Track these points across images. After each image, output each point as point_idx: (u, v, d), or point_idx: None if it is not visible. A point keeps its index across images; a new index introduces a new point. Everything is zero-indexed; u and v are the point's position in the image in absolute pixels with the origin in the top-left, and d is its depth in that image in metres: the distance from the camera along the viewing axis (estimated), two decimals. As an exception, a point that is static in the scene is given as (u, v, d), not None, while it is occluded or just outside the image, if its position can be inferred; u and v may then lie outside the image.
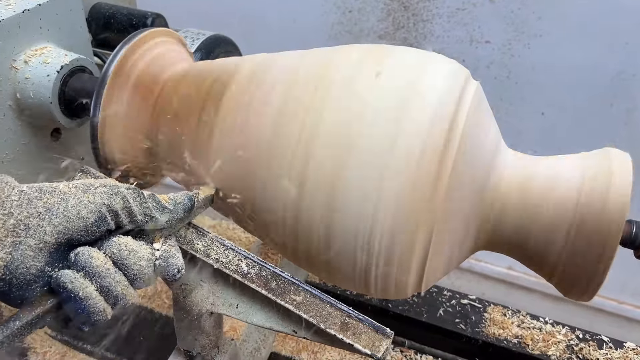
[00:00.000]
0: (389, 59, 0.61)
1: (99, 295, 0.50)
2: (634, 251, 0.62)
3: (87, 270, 0.50)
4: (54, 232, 0.50)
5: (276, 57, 0.66)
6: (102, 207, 0.52)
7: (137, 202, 0.54)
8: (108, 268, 0.51)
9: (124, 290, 0.51)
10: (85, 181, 0.54)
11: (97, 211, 0.52)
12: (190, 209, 0.59)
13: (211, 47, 0.88)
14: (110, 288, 0.50)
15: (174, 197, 0.58)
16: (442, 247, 0.60)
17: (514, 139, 1.51)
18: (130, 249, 0.52)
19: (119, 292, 0.51)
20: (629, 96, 1.35)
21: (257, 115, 0.60)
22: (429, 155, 0.55)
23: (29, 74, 0.71)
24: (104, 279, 0.50)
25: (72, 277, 0.49)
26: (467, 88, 0.60)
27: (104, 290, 0.50)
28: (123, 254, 0.52)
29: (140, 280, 0.53)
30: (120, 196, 0.53)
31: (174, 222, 0.57)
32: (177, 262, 0.56)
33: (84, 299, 0.49)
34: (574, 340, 0.95)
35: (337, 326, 0.56)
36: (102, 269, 0.50)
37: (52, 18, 0.74)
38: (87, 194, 0.52)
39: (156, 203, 0.56)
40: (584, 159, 0.62)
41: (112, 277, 0.51)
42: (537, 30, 1.35)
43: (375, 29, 1.47)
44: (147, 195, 0.55)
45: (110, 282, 0.50)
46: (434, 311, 0.99)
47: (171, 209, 0.57)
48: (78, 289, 0.49)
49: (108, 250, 0.52)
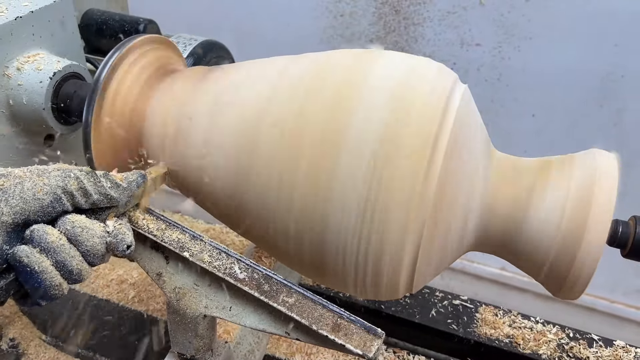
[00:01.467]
0: (377, 64, 0.61)
1: (54, 269, 0.53)
2: (621, 250, 0.63)
3: (43, 246, 0.52)
4: (11, 212, 0.52)
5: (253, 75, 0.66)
6: (57, 189, 0.54)
7: (91, 182, 0.56)
8: (63, 244, 0.53)
9: (78, 265, 0.54)
10: (39, 166, 0.56)
11: (53, 193, 0.54)
12: (141, 185, 0.61)
13: (203, 52, 0.88)
14: (65, 263, 0.53)
15: (127, 175, 0.60)
16: (432, 248, 0.60)
17: (505, 140, 1.52)
18: (83, 226, 0.54)
19: (73, 267, 0.54)
20: (618, 97, 1.37)
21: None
22: (417, 157, 0.56)
23: (21, 81, 0.71)
24: (58, 254, 0.53)
25: (27, 252, 0.52)
26: (454, 90, 0.61)
27: (59, 265, 0.53)
28: (76, 230, 0.54)
29: (93, 256, 0.55)
30: (74, 177, 0.55)
31: (128, 198, 0.59)
32: (127, 238, 0.58)
33: (39, 272, 0.52)
34: (565, 339, 0.96)
35: (329, 327, 0.56)
36: (57, 244, 0.53)
37: (45, 25, 0.75)
38: (41, 177, 0.54)
39: (110, 181, 0.58)
40: (571, 160, 0.63)
41: (67, 252, 0.53)
42: (527, 33, 1.36)
43: (367, 33, 1.48)
44: (100, 175, 0.57)
45: (65, 257, 0.53)
46: (426, 312, 1.00)
47: (125, 186, 0.59)
48: (34, 263, 0.52)
49: (62, 227, 0.54)
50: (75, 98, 0.72)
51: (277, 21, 1.53)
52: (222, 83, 0.67)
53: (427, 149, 0.56)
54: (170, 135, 0.67)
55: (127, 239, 0.58)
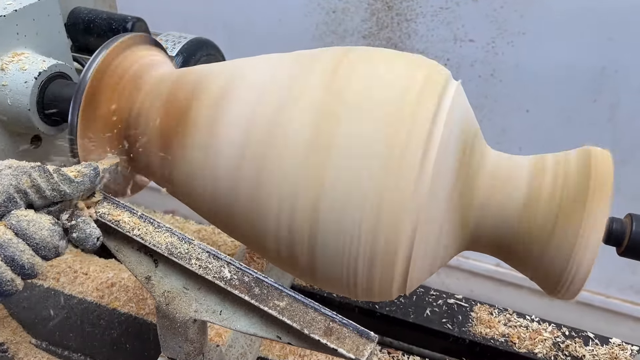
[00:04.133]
0: (368, 61, 0.60)
1: (4, 265, 0.52)
2: (616, 248, 0.63)
3: None
4: None
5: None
6: (9, 187, 0.54)
7: (43, 178, 0.56)
8: (10, 238, 0.53)
9: (29, 259, 0.54)
10: None
11: (5, 192, 0.53)
12: (94, 178, 0.60)
13: (193, 50, 0.87)
14: (15, 257, 0.53)
15: (80, 170, 0.60)
16: (425, 249, 0.60)
17: (499, 136, 1.52)
18: (29, 219, 0.54)
19: (24, 261, 0.53)
20: (612, 92, 1.37)
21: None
22: (409, 156, 0.55)
23: (6, 81, 0.70)
24: (6, 249, 0.52)
25: None
26: (447, 88, 0.60)
27: (9, 260, 0.53)
28: (22, 224, 0.54)
29: (44, 249, 0.55)
30: (27, 175, 0.55)
31: (81, 192, 0.59)
32: (95, 231, 0.58)
33: None
34: (560, 338, 0.95)
35: (321, 331, 0.55)
36: (3, 240, 0.52)
37: (29, 23, 0.73)
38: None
39: (62, 176, 0.57)
40: (565, 158, 0.62)
41: (15, 247, 0.53)
42: (520, 28, 1.35)
43: (360, 29, 1.47)
44: (52, 171, 0.57)
45: (13, 252, 0.53)
46: (420, 311, 0.99)
47: (78, 181, 0.58)
48: None
49: (7, 222, 0.54)
50: (61, 98, 0.71)
51: (268, 18, 1.51)
52: (213, 83, 0.65)
53: (419, 148, 0.55)
54: (158, 134, 0.65)
55: (95, 232, 0.58)
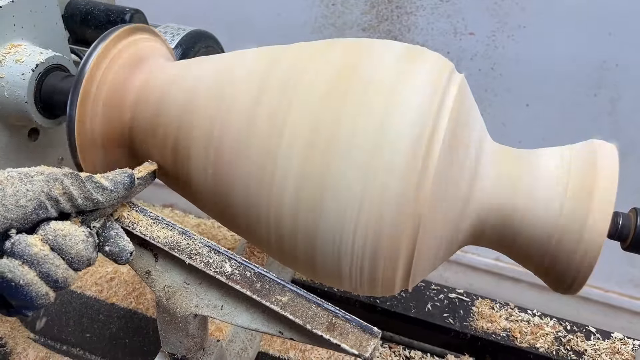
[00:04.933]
0: (371, 53, 0.60)
1: (40, 280, 0.51)
2: (621, 243, 0.62)
3: (26, 258, 0.50)
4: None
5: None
6: (40, 195, 0.52)
7: (75, 186, 0.54)
8: (46, 254, 0.51)
9: (64, 273, 0.52)
10: (21, 170, 0.54)
11: (36, 199, 0.52)
12: (130, 186, 0.58)
13: (192, 42, 0.86)
14: (50, 273, 0.51)
15: (113, 177, 0.58)
16: (428, 244, 0.59)
17: (499, 130, 1.51)
18: (66, 234, 0.52)
19: (59, 276, 0.52)
20: (612, 86, 1.36)
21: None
22: (413, 150, 0.54)
23: (3, 73, 0.69)
24: (43, 265, 0.51)
25: (10, 267, 0.49)
26: (451, 81, 0.59)
27: (44, 276, 0.51)
28: (59, 240, 0.52)
29: (78, 262, 0.53)
30: (59, 182, 0.53)
31: (115, 201, 0.57)
32: (128, 246, 0.57)
33: (24, 286, 0.50)
34: (562, 332, 0.95)
35: (324, 326, 0.55)
36: (41, 256, 0.51)
37: (26, 15, 0.72)
38: (24, 182, 0.52)
39: (95, 184, 0.55)
40: (569, 152, 0.62)
41: (52, 263, 0.51)
42: (521, 22, 1.34)
43: (359, 22, 1.46)
44: (84, 178, 0.55)
45: (49, 268, 0.51)
46: (422, 306, 0.99)
47: (111, 189, 0.56)
48: (19, 277, 0.49)
49: (44, 236, 0.52)
50: (59, 91, 0.70)
51: (267, 10, 1.50)
52: (213, 73, 0.64)
53: (423, 142, 0.55)
54: (156, 126, 0.64)
55: (128, 247, 0.57)
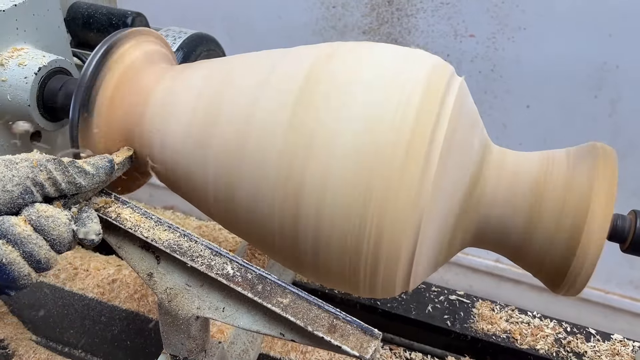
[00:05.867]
0: (370, 57, 0.60)
1: (22, 260, 0.52)
2: (620, 245, 0.62)
3: (9, 238, 0.52)
4: None
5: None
6: (26, 180, 0.54)
7: (59, 171, 0.56)
8: (29, 234, 0.53)
9: (46, 254, 0.54)
10: (5, 157, 0.56)
11: (22, 184, 0.54)
12: (110, 170, 0.61)
13: (193, 46, 0.87)
14: (33, 253, 0.53)
15: (95, 162, 0.60)
16: (429, 246, 0.59)
17: (499, 132, 1.52)
18: (49, 215, 0.54)
19: (41, 257, 0.53)
20: (612, 87, 1.36)
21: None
22: (414, 153, 0.55)
23: (5, 77, 0.69)
24: (26, 245, 0.52)
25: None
26: (450, 85, 0.59)
27: (27, 255, 0.53)
28: (42, 220, 0.54)
29: (60, 244, 0.55)
30: (43, 167, 0.55)
31: (96, 185, 0.59)
32: (96, 226, 0.58)
33: (7, 264, 0.52)
34: (562, 334, 0.95)
35: (325, 328, 0.55)
36: (24, 235, 0.52)
37: (29, 18, 0.73)
38: (10, 168, 0.54)
39: (78, 169, 0.58)
40: (569, 155, 0.62)
41: (35, 243, 0.53)
42: (521, 23, 1.35)
43: (360, 24, 1.46)
44: (67, 163, 0.57)
45: (32, 248, 0.53)
46: (422, 308, 0.99)
47: (93, 173, 0.59)
48: (1, 256, 0.51)
49: (28, 217, 0.54)
50: (62, 94, 0.71)
51: (268, 13, 1.51)
52: (216, 78, 0.65)
53: (424, 145, 0.55)
54: (162, 131, 0.65)
55: (95, 227, 0.58)
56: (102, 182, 0.60)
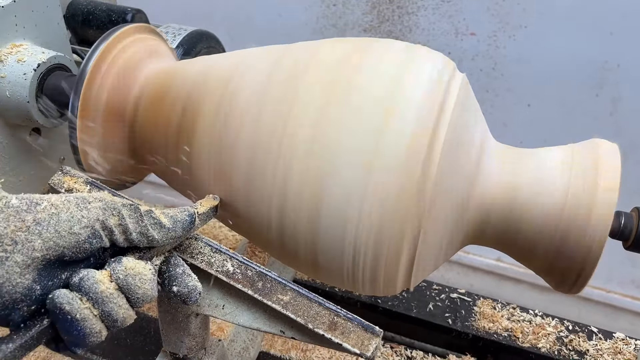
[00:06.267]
0: (372, 53, 0.59)
1: (96, 318, 0.48)
2: (623, 242, 0.62)
3: (91, 296, 0.47)
4: (44, 247, 0.46)
5: (248, 64, 0.63)
6: (95, 223, 0.49)
7: (132, 219, 0.51)
8: (112, 293, 0.48)
9: (124, 313, 0.49)
10: (79, 195, 0.51)
11: (91, 227, 0.49)
12: (189, 227, 0.55)
13: (193, 42, 0.86)
14: (112, 313, 0.48)
15: (174, 214, 0.55)
16: (430, 243, 0.59)
17: (500, 130, 1.51)
18: (136, 272, 0.50)
19: (119, 317, 0.49)
20: (614, 86, 1.36)
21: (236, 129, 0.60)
22: (415, 151, 0.54)
23: (4, 73, 0.69)
24: (106, 305, 0.48)
25: (69, 298, 0.46)
26: (453, 81, 0.59)
27: (105, 315, 0.48)
28: (129, 279, 0.49)
29: (141, 302, 0.50)
30: (116, 212, 0.51)
31: (171, 240, 0.54)
32: (197, 284, 0.54)
33: (80, 321, 0.47)
34: (564, 332, 0.95)
35: (326, 325, 0.55)
36: (107, 294, 0.48)
37: (28, 14, 0.72)
38: (80, 208, 0.49)
39: (154, 221, 0.52)
40: (571, 151, 0.62)
41: (115, 302, 0.48)
42: (522, 22, 1.34)
43: (360, 22, 1.45)
44: (144, 212, 0.52)
45: (112, 308, 0.48)
46: (423, 306, 0.99)
47: (169, 227, 0.53)
48: (76, 311, 0.46)
49: (114, 274, 0.49)
50: (61, 90, 0.70)
51: (268, 11, 1.50)
52: (216, 76, 0.64)
53: (425, 141, 0.55)
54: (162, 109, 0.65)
55: (198, 286, 0.54)
56: (177, 238, 0.55)
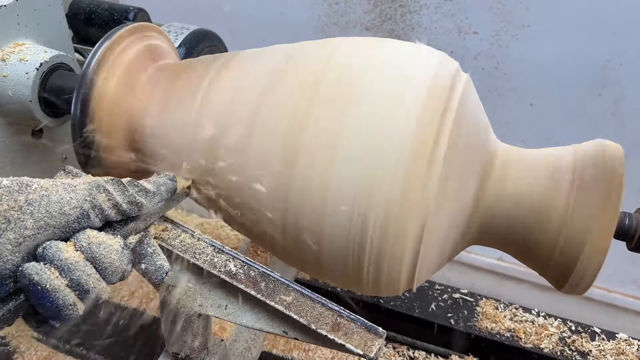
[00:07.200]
0: (376, 53, 0.59)
1: (67, 288, 0.48)
2: (627, 243, 0.62)
3: (56, 264, 0.48)
4: (35, 226, 0.48)
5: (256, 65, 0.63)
6: (84, 203, 0.51)
7: (118, 192, 0.53)
8: (77, 261, 0.49)
9: (95, 283, 0.50)
10: (66, 181, 0.53)
11: (80, 207, 0.51)
12: (172, 188, 0.58)
13: (195, 41, 0.86)
14: (81, 281, 0.49)
15: (155, 180, 0.57)
16: (433, 243, 0.59)
17: (503, 130, 1.51)
18: (99, 242, 0.51)
19: (90, 286, 0.49)
20: (616, 85, 1.35)
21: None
22: (419, 149, 0.54)
23: (6, 72, 0.68)
24: (73, 272, 0.48)
25: (38, 269, 0.47)
26: (456, 81, 0.59)
27: (74, 284, 0.49)
28: (92, 247, 0.50)
29: (111, 274, 0.51)
30: (102, 189, 0.52)
31: (159, 204, 0.56)
32: (165, 264, 0.55)
33: (51, 291, 0.47)
34: (567, 333, 0.94)
35: (329, 326, 0.54)
36: (71, 262, 0.49)
37: (30, 14, 0.72)
38: (68, 191, 0.51)
39: (138, 188, 0.55)
40: (576, 152, 0.61)
41: (82, 270, 0.49)
42: (525, 21, 1.34)
43: (362, 21, 1.45)
44: (127, 183, 0.54)
45: (80, 275, 0.49)
46: (425, 306, 0.98)
47: (154, 191, 0.56)
48: (45, 281, 0.47)
49: (77, 243, 0.50)
50: (63, 90, 0.70)
51: (270, 9, 1.50)
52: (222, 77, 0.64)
53: (429, 142, 0.54)
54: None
55: (164, 265, 0.55)
56: (163, 201, 0.57)
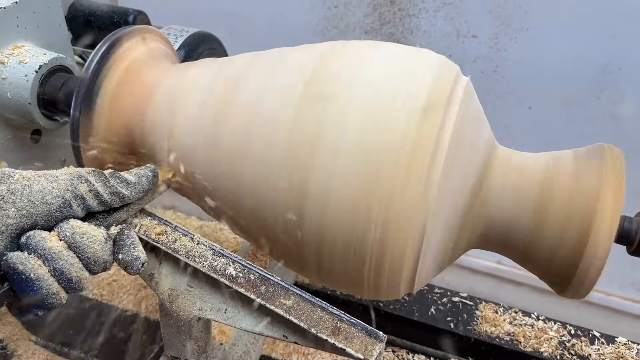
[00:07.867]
0: (376, 56, 0.59)
1: (51, 277, 0.50)
2: (627, 247, 0.62)
3: (39, 253, 0.49)
4: (17, 215, 0.49)
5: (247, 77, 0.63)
6: (66, 192, 0.52)
7: (100, 182, 0.54)
8: (60, 250, 0.50)
9: (78, 273, 0.51)
10: (47, 171, 0.54)
11: (62, 197, 0.52)
12: (153, 179, 0.59)
13: (195, 44, 0.86)
14: (64, 270, 0.50)
15: (137, 171, 0.58)
16: (434, 247, 0.59)
17: (501, 133, 1.51)
18: (83, 232, 0.52)
19: (72, 275, 0.51)
20: (615, 89, 1.35)
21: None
22: (420, 153, 0.54)
23: (5, 74, 0.68)
24: (56, 262, 0.50)
25: (22, 258, 0.49)
26: (457, 84, 0.59)
27: (57, 273, 0.50)
28: (76, 237, 0.51)
29: (94, 264, 0.52)
30: (84, 180, 0.53)
31: (140, 194, 0.57)
32: (141, 254, 0.55)
33: (35, 280, 0.49)
34: (566, 336, 0.94)
35: (329, 330, 0.54)
36: (54, 251, 0.50)
37: (30, 16, 0.72)
38: (50, 181, 0.52)
39: (119, 179, 0.56)
40: (575, 157, 0.61)
41: (65, 260, 0.50)
42: (524, 24, 1.34)
43: (362, 24, 1.45)
44: (108, 174, 0.55)
45: (63, 265, 0.50)
46: (425, 310, 0.98)
47: (135, 182, 0.57)
48: (29, 270, 0.48)
49: (61, 233, 0.51)
50: (63, 92, 0.70)
51: (270, 12, 1.50)
52: (223, 76, 0.64)
53: (429, 146, 0.54)
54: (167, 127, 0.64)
55: (141, 257, 0.55)
56: (145, 192, 0.58)
